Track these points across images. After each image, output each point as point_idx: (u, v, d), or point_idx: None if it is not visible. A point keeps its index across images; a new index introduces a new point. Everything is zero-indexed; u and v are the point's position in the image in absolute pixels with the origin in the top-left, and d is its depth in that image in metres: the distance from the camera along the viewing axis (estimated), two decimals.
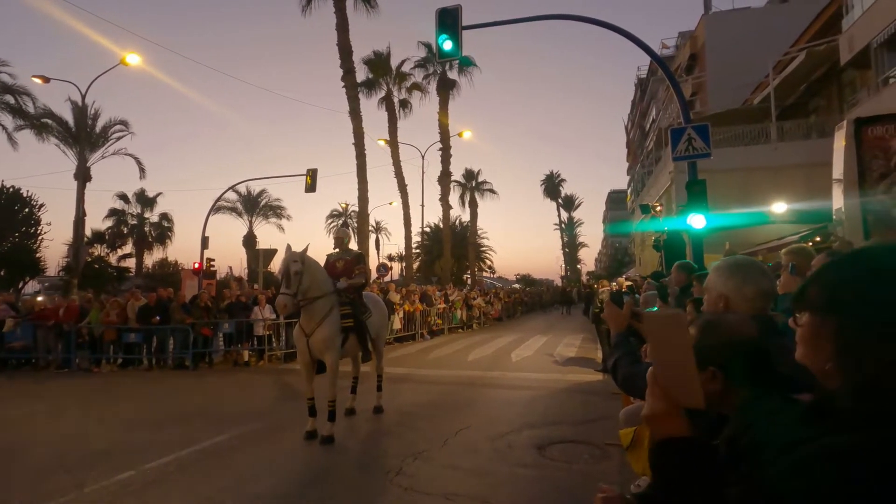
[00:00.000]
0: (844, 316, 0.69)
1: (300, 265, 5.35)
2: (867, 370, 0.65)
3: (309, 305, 5.49)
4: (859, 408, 0.66)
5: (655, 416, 0.93)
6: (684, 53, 28.65)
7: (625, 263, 50.24)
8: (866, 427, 0.64)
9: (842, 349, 0.69)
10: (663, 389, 0.92)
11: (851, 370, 0.67)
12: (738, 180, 15.32)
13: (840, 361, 0.69)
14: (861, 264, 0.71)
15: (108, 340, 11.18)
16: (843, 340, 0.69)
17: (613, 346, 1.94)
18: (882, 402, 0.63)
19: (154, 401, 7.86)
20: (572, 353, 12.29)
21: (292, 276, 5.31)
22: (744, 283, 1.71)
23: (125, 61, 16.67)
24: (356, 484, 4.31)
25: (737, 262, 1.80)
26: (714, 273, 1.82)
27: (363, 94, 24.50)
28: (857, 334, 0.67)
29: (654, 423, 0.94)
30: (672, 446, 0.91)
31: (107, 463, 4.72)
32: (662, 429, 0.92)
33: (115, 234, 36.19)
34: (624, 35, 8.72)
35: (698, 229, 7.62)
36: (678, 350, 0.91)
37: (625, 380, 1.82)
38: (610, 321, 1.94)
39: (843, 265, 0.73)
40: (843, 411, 0.67)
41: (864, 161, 3.84)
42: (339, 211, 45.30)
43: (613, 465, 4.50)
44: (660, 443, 0.92)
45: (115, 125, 24.79)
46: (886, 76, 13.05)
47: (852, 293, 0.69)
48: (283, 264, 5.49)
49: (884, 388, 0.63)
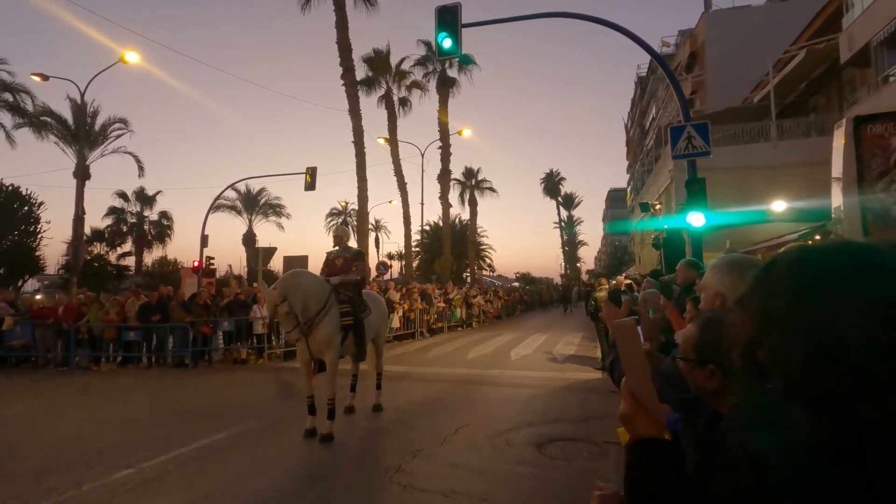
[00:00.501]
0: (747, 311, 0.72)
1: (286, 304, 5.22)
2: (745, 363, 0.70)
3: (314, 317, 5.49)
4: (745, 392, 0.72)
5: (626, 416, 0.97)
6: (684, 52, 28.63)
7: (624, 262, 50.27)
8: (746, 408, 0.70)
9: (742, 345, 0.72)
10: (630, 391, 0.97)
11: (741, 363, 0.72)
12: (737, 179, 15.32)
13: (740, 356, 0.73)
14: (773, 264, 0.74)
15: (108, 339, 11.19)
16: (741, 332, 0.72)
17: (611, 345, 1.94)
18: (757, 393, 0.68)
19: (153, 399, 7.87)
20: (572, 351, 12.31)
21: (284, 318, 5.30)
22: (740, 280, 1.71)
23: (124, 59, 16.65)
24: (355, 482, 4.32)
25: (733, 259, 1.80)
26: (711, 271, 1.82)
27: (363, 93, 24.46)
28: (749, 328, 0.71)
29: (627, 423, 0.97)
30: (643, 446, 0.94)
31: (105, 461, 4.73)
32: (635, 429, 0.96)
33: (115, 233, 36.19)
34: (624, 33, 8.70)
35: (698, 228, 7.62)
36: (633, 355, 0.99)
37: (622, 378, 1.82)
38: (608, 320, 1.94)
39: (765, 265, 0.76)
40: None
41: (863, 159, 3.83)
42: (338, 209, 45.29)
43: (611, 462, 4.51)
44: (632, 443, 0.96)
45: (114, 123, 24.78)
46: (886, 74, 13.05)
47: (756, 293, 0.72)
48: (269, 310, 5.50)
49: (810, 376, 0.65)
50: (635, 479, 0.94)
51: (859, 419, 0.59)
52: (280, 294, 5.24)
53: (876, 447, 0.58)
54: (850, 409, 0.59)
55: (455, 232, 35.55)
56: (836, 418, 0.60)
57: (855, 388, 0.59)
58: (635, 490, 0.94)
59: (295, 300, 5.28)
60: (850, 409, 0.59)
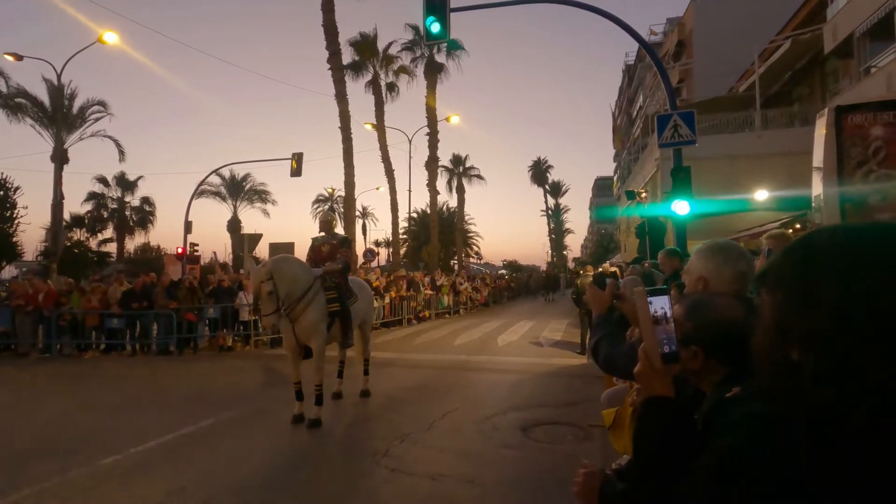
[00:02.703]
0: (782, 293, 0.71)
1: (271, 283, 5.14)
2: (782, 347, 0.69)
3: (296, 305, 5.42)
4: (771, 384, 0.72)
5: (641, 374, 1.07)
6: (672, 40, 28.67)
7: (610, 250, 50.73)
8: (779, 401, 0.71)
9: (773, 325, 0.72)
10: (644, 350, 1.07)
11: (776, 345, 0.71)
12: (722, 167, 15.49)
13: (770, 336, 0.72)
14: (804, 244, 0.74)
15: (91, 326, 11.03)
16: (778, 316, 0.71)
17: (595, 327, 1.97)
18: (788, 378, 0.67)
19: (138, 386, 7.81)
20: (558, 337, 12.47)
21: (266, 297, 5.14)
22: (723, 264, 1.75)
23: (102, 39, 16.14)
24: (343, 466, 4.36)
25: (717, 244, 1.83)
26: (695, 256, 1.86)
27: (349, 77, 24.12)
28: (784, 309, 0.70)
29: (641, 380, 1.08)
30: (654, 403, 1.04)
31: (91, 448, 4.69)
32: (648, 387, 1.06)
33: (95, 218, 35.46)
34: (612, 20, 8.69)
35: (682, 215, 7.72)
36: (645, 321, 1.08)
37: (606, 360, 1.85)
38: (592, 303, 1.97)
39: (792, 246, 0.76)
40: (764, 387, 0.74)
41: (843, 149, 3.91)
42: (325, 196, 44.87)
43: (595, 445, 4.61)
44: (645, 400, 1.06)
45: (93, 106, 24.16)
46: (868, 65, 13.23)
47: (790, 271, 0.72)
48: (254, 286, 5.30)
49: (796, 365, 0.66)
50: (645, 432, 1.06)
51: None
52: (267, 272, 5.19)
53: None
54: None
55: (443, 219, 35.52)
56: (884, 401, 0.60)
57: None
58: (644, 441, 1.06)
59: (281, 282, 5.22)
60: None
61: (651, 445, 1.03)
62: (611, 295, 1.88)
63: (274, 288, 5.16)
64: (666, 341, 1.06)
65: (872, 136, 3.82)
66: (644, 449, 1.06)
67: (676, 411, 1.04)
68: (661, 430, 1.01)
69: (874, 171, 3.84)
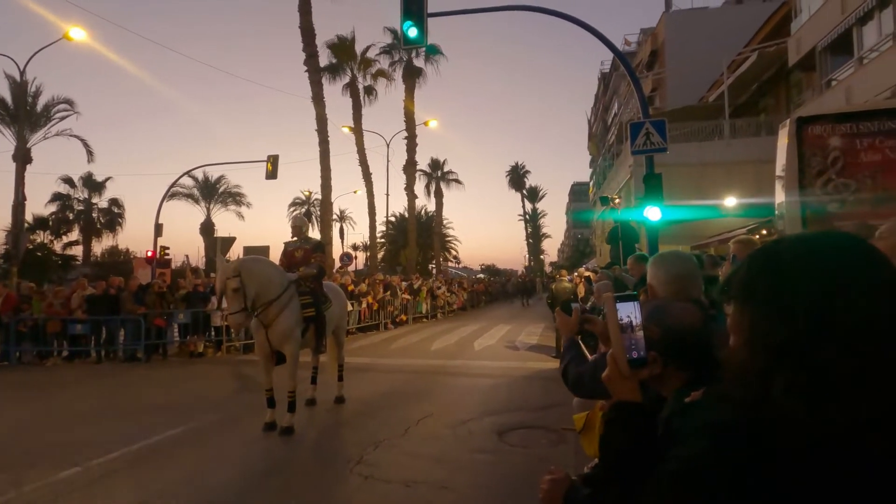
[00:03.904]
0: (754, 305, 0.72)
1: (238, 280, 4.99)
2: (759, 358, 0.70)
3: (267, 309, 5.30)
4: (742, 394, 0.72)
5: (609, 379, 1.08)
6: (645, 50, 29.37)
7: (586, 254, 51.48)
8: (744, 410, 0.71)
9: (749, 337, 0.73)
10: (612, 356, 1.07)
11: (751, 357, 0.72)
12: (693, 175, 15.93)
13: (746, 347, 0.73)
14: (771, 255, 0.75)
15: (53, 332, 10.60)
16: (752, 329, 0.72)
17: (564, 351, 2.01)
18: (758, 388, 0.68)
19: (103, 394, 7.53)
20: (534, 340, 12.56)
21: (232, 295, 4.99)
22: (659, 268, 1.92)
23: (68, 35, 15.61)
24: (316, 474, 4.29)
25: (661, 253, 1.97)
26: (648, 265, 1.96)
27: (327, 80, 23.94)
28: (758, 322, 0.71)
29: (609, 385, 1.08)
30: (622, 408, 1.06)
31: (49, 460, 4.50)
32: (616, 392, 1.07)
33: (60, 220, 34.14)
34: (588, 30, 8.84)
35: (654, 221, 7.89)
36: (613, 328, 1.10)
37: (573, 381, 1.91)
38: (561, 328, 2.01)
39: (756, 257, 0.77)
40: (731, 396, 0.74)
41: (804, 158, 4.07)
42: (301, 199, 44.36)
43: (569, 448, 4.64)
44: (613, 405, 1.08)
45: (58, 104, 23.38)
46: (829, 78, 13.81)
47: (760, 283, 0.73)
48: (219, 282, 5.11)
49: (763, 373, 0.68)
50: (612, 437, 1.07)
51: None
52: (234, 269, 5.04)
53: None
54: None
55: (421, 223, 35.47)
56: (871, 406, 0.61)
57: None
58: (611, 445, 1.07)
59: (249, 281, 5.08)
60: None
61: (618, 450, 1.04)
62: (577, 320, 1.92)
63: (241, 286, 5.01)
64: (634, 347, 1.08)
65: (831, 146, 3.99)
66: (611, 454, 1.07)
67: (644, 416, 1.05)
68: (629, 436, 1.02)
69: (833, 181, 4.01)
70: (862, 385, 0.61)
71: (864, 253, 0.70)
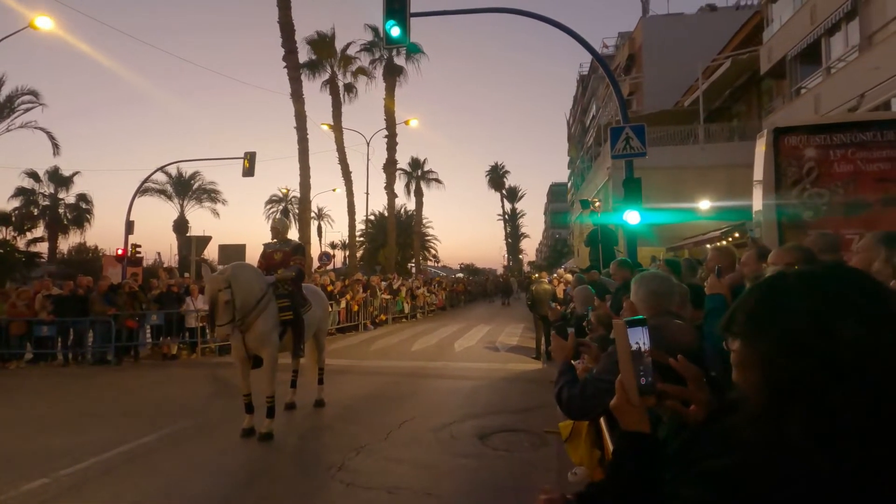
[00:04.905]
0: (765, 343, 0.72)
1: (229, 292, 4.90)
2: (773, 399, 0.69)
3: (249, 314, 5.19)
4: (752, 432, 0.71)
5: (617, 408, 1.06)
6: (623, 53, 29.85)
7: (564, 254, 52.10)
8: (752, 450, 0.70)
9: (760, 377, 0.72)
10: (621, 384, 1.05)
11: (764, 397, 0.71)
12: (669, 178, 16.25)
13: (760, 387, 0.72)
14: (776, 291, 0.75)
15: (17, 334, 10.16)
16: (763, 367, 0.72)
17: (559, 374, 2.07)
18: (772, 429, 0.68)
19: (71, 400, 7.25)
20: (514, 341, 12.64)
21: (223, 307, 4.89)
22: (638, 287, 2.05)
23: (34, 24, 14.94)
24: (296, 482, 4.21)
25: (642, 274, 2.10)
26: (631, 284, 2.14)
27: (306, 77, 23.59)
28: (770, 361, 0.71)
29: (618, 414, 1.07)
30: (630, 438, 1.04)
31: (13, 471, 4.29)
32: (624, 421, 1.05)
33: (24, 216, 32.77)
34: (567, 32, 8.93)
35: (632, 225, 8.01)
36: (623, 354, 1.06)
37: (567, 403, 1.97)
38: (555, 353, 2.07)
39: (764, 293, 0.77)
40: (741, 433, 0.73)
41: (780, 167, 4.20)
42: (278, 196, 43.58)
43: (551, 451, 4.67)
44: (621, 434, 1.06)
45: (22, 95, 22.54)
46: (799, 86, 14.26)
47: (770, 321, 0.72)
48: (210, 295, 4.98)
49: (779, 414, 0.67)
50: (620, 466, 1.06)
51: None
52: (225, 279, 4.93)
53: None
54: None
55: (400, 222, 35.31)
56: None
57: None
58: (618, 475, 1.06)
59: (238, 291, 4.99)
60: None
61: (624, 480, 1.03)
62: (573, 345, 1.98)
63: (231, 297, 4.92)
64: (643, 373, 1.04)
65: (806, 156, 4.12)
66: (617, 483, 1.06)
67: (651, 447, 1.04)
68: (635, 466, 1.01)
69: (807, 190, 4.14)
70: (880, 425, 0.61)
71: (871, 287, 0.71)
